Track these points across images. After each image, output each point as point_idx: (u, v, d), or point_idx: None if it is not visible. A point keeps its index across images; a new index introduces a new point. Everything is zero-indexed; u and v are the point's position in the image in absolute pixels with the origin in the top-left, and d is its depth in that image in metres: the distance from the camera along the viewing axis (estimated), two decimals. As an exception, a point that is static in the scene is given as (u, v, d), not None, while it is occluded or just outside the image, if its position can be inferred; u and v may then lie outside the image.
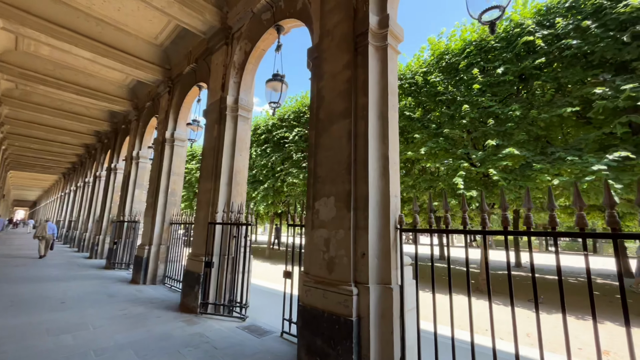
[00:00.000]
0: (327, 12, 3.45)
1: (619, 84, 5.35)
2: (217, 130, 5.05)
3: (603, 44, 5.61)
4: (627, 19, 5.42)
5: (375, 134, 2.87)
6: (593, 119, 6.28)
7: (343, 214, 2.80)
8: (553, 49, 6.21)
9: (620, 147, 5.39)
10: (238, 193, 4.88)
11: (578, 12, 6.07)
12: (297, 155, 11.09)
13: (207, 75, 5.93)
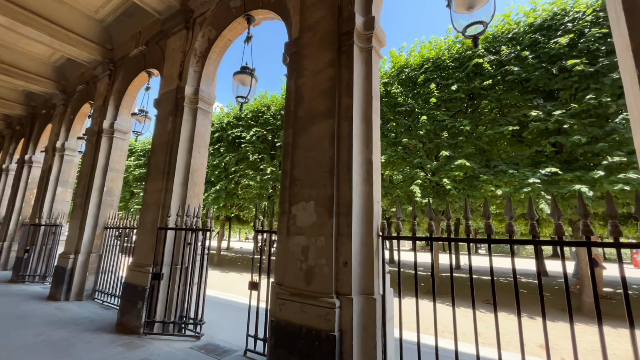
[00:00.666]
0: (309, 6, 3.28)
1: (549, 109, 6.17)
2: (172, 123, 4.47)
3: (537, 73, 6.43)
4: (556, 54, 6.30)
5: (359, 137, 2.76)
6: (525, 138, 7.16)
7: (324, 220, 2.62)
8: (497, 73, 6.94)
9: (549, 164, 6.20)
10: (194, 194, 4.36)
11: (518, 43, 6.89)
12: (254, 156, 10.58)
13: (161, 61, 5.27)
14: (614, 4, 2.07)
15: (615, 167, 5.48)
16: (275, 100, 11.05)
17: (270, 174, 10.01)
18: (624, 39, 1.97)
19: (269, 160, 10.79)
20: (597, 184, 5.54)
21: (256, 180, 10.24)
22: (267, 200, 10.47)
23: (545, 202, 5.82)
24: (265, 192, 10.34)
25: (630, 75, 1.92)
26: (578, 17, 6.26)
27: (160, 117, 4.72)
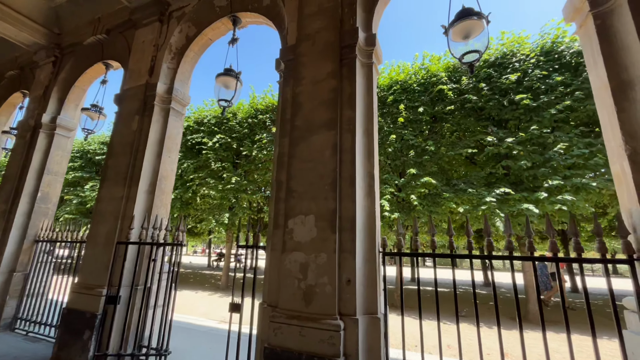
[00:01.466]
0: (307, 15, 3.22)
1: (501, 135, 6.92)
2: (139, 123, 3.97)
3: (491, 103, 7.21)
4: (507, 88, 7.16)
5: (362, 150, 2.72)
6: (477, 161, 7.91)
7: (326, 236, 2.48)
8: (458, 100, 7.63)
9: (500, 184, 6.89)
10: (162, 204, 3.87)
11: (475, 75, 7.69)
12: (217, 164, 9.96)
13: (125, 52, 4.71)
14: (591, 50, 2.38)
15: (554, 189, 6.30)
16: (242, 107, 10.65)
17: (235, 183, 9.48)
18: (602, 80, 2.25)
19: (232, 169, 10.25)
20: (540, 203, 6.28)
21: (217, 189, 9.60)
22: (229, 212, 9.84)
23: (499, 219, 6.40)
24: (227, 202, 9.72)
25: (609, 111, 2.19)
26: (523, 59, 7.25)
27: (123, 114, 4.16)
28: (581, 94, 6.44)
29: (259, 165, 9.69)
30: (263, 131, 9.73)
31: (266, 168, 9.64)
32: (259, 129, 9.98)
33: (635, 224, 1.99)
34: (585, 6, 2.37)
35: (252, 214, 10.29)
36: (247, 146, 9.77)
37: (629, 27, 2.11)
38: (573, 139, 6.37)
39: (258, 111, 10.16)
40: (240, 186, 9.70)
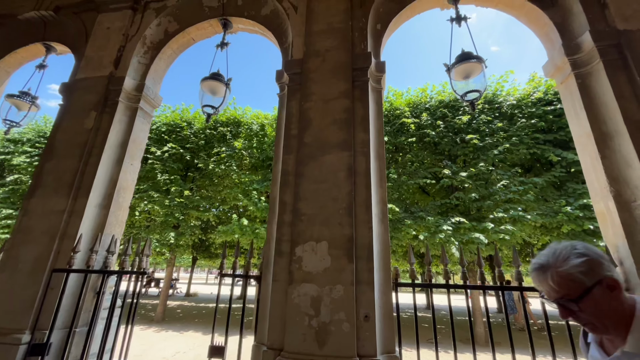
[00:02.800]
0: (316, 32, 3.14)
1: (455, 170, 7.63)
2: (96, 121, 3.26)
3: (446, 139, 7.98)
4: (459, 128, 8.03)
5: (375, 174, 2.63)
6: (429, 191, 8.57)
7: (342, 265, 2.25)
8: (418, 134, 8.27)
9: (453, 213, 7.51)
10: (118, 221, 3.16)
11: (432, 113, 8.49)
12: (163, 176, 8.85)
13: (80, 37, 3.95)
14: (572, 103, 2.75)
15: (497, 220, 7.08)
16: (199, 117, 9.84)
17: (185, 199, 8.47)
18: (584, 129, 2.59)
19: (181, 182, 9.21)
20: (487, 232, 6.97)
21: (163, 205, 8.46)
22: (174, 230, 8.67)
23: (454, 247, 6.88)
24: (172, 220, 8.59)
25: (592, 157, 2.50)
26: (472, 104, 8.30)
27: (72, 108, 3.39)
28: (516, 140, 7.55)
29: (214, 180, 8.91)
30: (222, 144, 9.08)
31: (223, 184, 8.91)
32: (218, 141, 9.28)
33: (622, 257, 2.23)
34: (567, 67, 2.76)
35: (201, 233, 9.27)
36: (202, 159, 8.94)
37: (606, 89, 2.50)
38: (511, 177, 7.33)
39: (218, 123, 9.50)
40: (190, 202, 8.72)
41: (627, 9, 2.63)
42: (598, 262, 0.93)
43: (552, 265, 0.95)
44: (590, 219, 6.60)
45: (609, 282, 0.91)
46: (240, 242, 8.98)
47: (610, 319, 0.92)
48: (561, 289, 0.93)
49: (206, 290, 27.28)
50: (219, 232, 8.02)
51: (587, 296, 0.90)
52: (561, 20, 2.93)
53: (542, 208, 7.16)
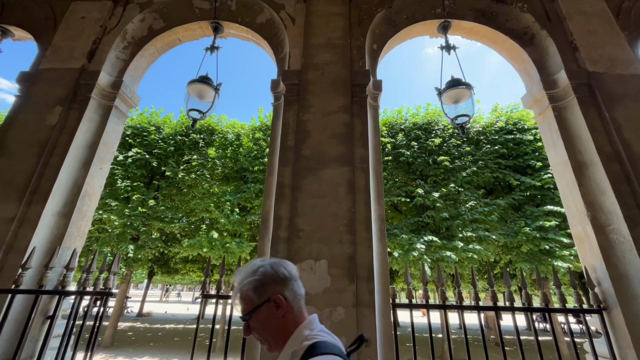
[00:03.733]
0: (315, 45, 3.12)
1: (427, 189, 7.95)
2: (62, 117, 2.87)
3: (419, 160, 8.33)
4: (432, 150, 8.45)
5: (374, 191, 2.59)
6: (401, 209, 8.81)
7: (343, 286, 2.13)
8: (393, 153, 8.54)
9: (425, 232, 7.75)
10: (79, 233, 2.75)
11: (407, 134, 8.86)
12: (124, 183, 8.09)
13: (48, 23, 3.54)
14: (550, 133, 2.98)
15: (466, 239, 7.43)
16: (169, 122, 9.26)
17: (149, 209, 7.77)
18: (561, 158, 2.81)
19: (144, 190, 8.48)
20: (456, 251, 7.26)
21: (121, 214, 7.68)
22: (132, 242, 7.85)
23: (427, 264, 7.06)
24: (132, 231, 7.80)
25: (569, 183, 2.70)
26: (443, 128, 8.82)
27: (32, 101, 2.97)
28: (482, 164, 8.10)
29: (182, 190, 8.33)
30: (194, 152, 8.59)
31: (191, 194, 8.37)
32: (189, 149, 8.78)
33: (599, 278, 2.39)
34: (545, 100, 3.01)
35: (163, 247, 8.52)
36: (170, 166, 8.36)
37: (580, 122, 2.75)
38: (477, 199, 7.80)
39: (190, 129, 9.02)
40: (153, 212, 8.02)
41: (594, 53, 2.97)
42: (271, 280, 0.95)
43: (238, 283, 0.98)
44: (545, 239, 7.18)
45: (277, 300, 0.93)
46: (206, 257, 8.40)
47: (273, 336, 0.94)
48: (241, 306, 0.96)
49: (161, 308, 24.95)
50: (186, 246, 7.43)
51: (255, 313, 0.93)
52: (539, 58, 3.22)
53: (504, 228, 7.66)
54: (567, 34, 3.13)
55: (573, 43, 3.06)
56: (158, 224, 8.06)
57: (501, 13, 3.44)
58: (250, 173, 8.50)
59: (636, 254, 2.22)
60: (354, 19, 3.33)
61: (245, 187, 8.15)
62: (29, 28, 3.65)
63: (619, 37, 3.05)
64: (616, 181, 2.46)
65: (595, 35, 3.06)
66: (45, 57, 3.22)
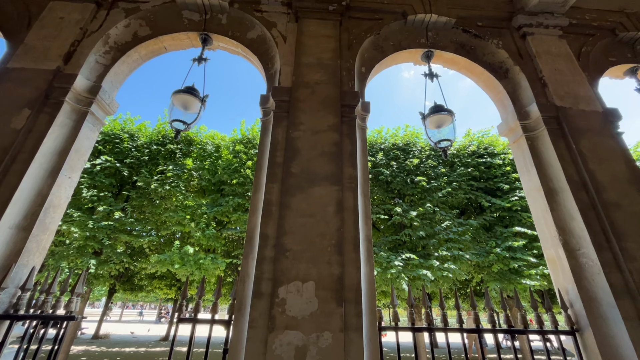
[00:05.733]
0: (306, 64, 3.16)
1: (405, 208, 8.13)
2: (29, 120, 2.64)
3: (398, 179, 8.56)
4: (410, 170, 8.72)
5: (362, 211, 2.59)
6: (379, 226, 8.93)
7: (330, 309, 2.07)
8: (373, 172, 8.71)
9: (402, 250, 7.86)
10: (39, 248, 2.49)
11: (386, 153, 9.11)
12: (90, 192, 7.53)
13: (21, 20, 3.32)
14: (523, 160, 3.18)
15: (441, 258, 7.61)
16: (145, 130, 8.86)
17: (116, 222, 7.24)
18: (534, 184, 2.99)
19: (111, 201, 7.94)
20: (432, 269, 7.40)
21: (84, 226, 7.10)
22: (94, 257, 7.22)
23: (404, 282, 7.11)
24: (95, 245, 7.20)
25: (542, 209, 2.87)
26: (421, 149, 9.18)
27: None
28: (456, 185, 8.46)
29: (154, 201, 7.90)
30: (170, 162, 8.24)
31: (164, 206, 7.95)
32: (164, 159, 8.41)
33: (572, 300, 2.51)
34: (519, 129, 3.23)
35: (129, 262, 7.92)
36: (143, 176, 7.93)
37: (551, 152, 2.96)
38: (452, 219, 8.08)
39: (167, 139, 8.69)
40: (120, 224, 7.49)
41: (561, 90, 3.26)
42: None
43: None
44: (514, 258, 7.52)
45: None
46: (177, 274, 7.93)
47: None
48: None
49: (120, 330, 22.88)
50: (154, 262, 6.97)
51: None
52: (512, 90, 3.48)
53: (476, 248, 7.95)
54: (537, 71, 3.42)
55: (542, 79, 3.34)
56: (125, 237, 7.52)
57: (479, 47, 3.71)
58: (228, 186, 8.26)
59: (604, 277, 2.37)
60: (344, 42, 3.43)
61: (222, 201, 7.89)
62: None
63: (581, 76, 3.37)
64: (584, 208, 2.64)
65: (561, 73, 3.37)
66: (15, 56, 2.99)
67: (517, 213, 8.08)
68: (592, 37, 3.74)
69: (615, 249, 2.41)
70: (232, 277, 8.85)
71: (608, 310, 2.30)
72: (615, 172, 2.78)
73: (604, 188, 2.68)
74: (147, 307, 55.15)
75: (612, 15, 3.87)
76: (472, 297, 2.34)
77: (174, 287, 10.71)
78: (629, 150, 2.96)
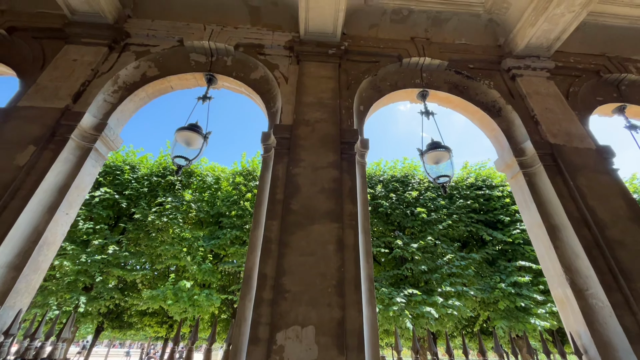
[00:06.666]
0: (306, 103, 3.28)
1: (406, 241, 8.00)
2: (32, 157, 2.68)
3: (398, 211, 8.51)
4: (409, 202, 8.71)
5: (362, 249, 2.54)
6: (380, 259, 8.72)
7: (332, 357, 1.95)
8: (373, 204, 8.69)
9: (405, 285, 7.59)
10: (29, 288, 2.40)
11: (385, 185, 9.15)
12: (86, 225, 7.42)
13: (36, 62, 3.49)
14: (522, 195, 3.19)
15: (445, 294, 7.34)
16: (146, 162, 8.97)
17: (110, 255, 7.05)
18: (535, 220, 2.97)
19: (107, 233, 7.80)
20: (436, 307, 7.10)
21: (77, 260, 6.90)
22: (84, 294, 6.92)
23: (408, 320, 6.78)
24: (86, 280, 6.94)
25: (545, 245, 2.83)
26: (419, 181, 9.25)
27: (2, 138, 2.77)
28: (456, 217, 8.41)
29: (151, 234, 7.76)
30: (169, 194, 8.23)
31: (160, 238, 7.80)
32: (164, 190, 8.41)
33: (585, 345, 2.38)
34: (516, 166, 3.28)
35: (120, 297, 7.59)
36: (141, 208, 7.87)
37: (549, 188, 2.98)
38: (454, 252, 7.92)
39: (168, 170, 8.76)
40: (114, 258, 7.29)
41: (553, 128, 3.36)
42: None
43: None
44: (520, 295, 7.26)
45: None
46: (169, 311, 7.56)
47: None
48: None
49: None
50: (146, 298, 6.68)
51: None
52: (507, 128, 3.59)
53: (480, 283, 7.70)
54: (529, 110, 3.55)
55: (534, 117, 3.46)
56: (118, 271, 7.28)
57: (471, 87, 3.89)
58: (226, 218, 8.18)
59: (616, 320, 2.27)
60: (343, 82, 3.60)
61: (220, 233, 7.77)
62: (14, 65, 3.58)
63: (571, 115, 3.50)
64: (588, 246, 2.60)
65: (552, 112, 3.49)
66: (26, 95, 3.10)
67: (520, 246, 7.94)
68: (579, 78, 3.94)
69: (624, 290, 2.34)
70: (226, 314, 8.45)
71: (625, 357, 2.18)
72: (615, 208, 2.78)
73: (606, 225, 2.67)
74: (135, 346, 51.86)
75: (595, 59, 4.10)
76: (480, 343, 2.22)
77: (165, 324, 10.16)
78: (626, 186, 2.98)
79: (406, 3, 4.01)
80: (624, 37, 4.21)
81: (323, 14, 3.53)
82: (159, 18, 3.95)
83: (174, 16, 3.98)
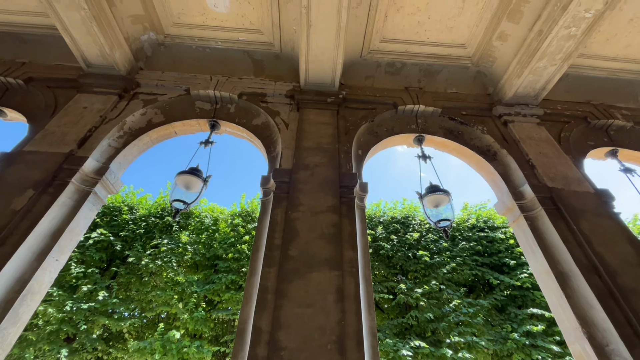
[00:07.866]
0: (306, 148, 3.36)
1: (410, 286, 7.65)
2: (29, 201, 2.66)
3: (400, 253, 8.27)
4: (411, 244, 8.50)
5: (364, 298, 2.41)
6: (383, 306, 8.25)
7: None
8: (373, 246, 8.47)
9: (410, 335, 7.08)
10: (2, 344, 2.22)
11: (386, 227, 9.02)
12: (77, 269, 7.15)
13: (47, 109, 3.65)
14: (526, 240, 3.11)
15: (454, 345, 6.81)
16: (145, 203, 8.94)
17: (98, 302, 6.67)
18: (542, 267, 2.87)
19: (97, 278, 7.47)
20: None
21: (63, 308, 6.51)
22: (66, 345, 6.40)
23: (415, 378, 6.20)
24: (69, 329, 6.47)
25: (557, 295, 2.69)
26: (420, 222, 9.13)
27: (3, 182, 2.78)
28: (460, 260, 8.14)
29: (143, 278, 7.43)
30: (165, 236, 8.06)
31: (152, 283, 7.45)
32: (160, 232, 8.26)
33: (614, 411, 2.14)
34: (516, 209, 3.25)
35: (104, 349, 7.01)
36: (135, 250, 7.65)
37: (552, 232, 2.92)
38: (461, 297, 7.53)
39: (166, 211, 8.69)
40: (102, 305, 6.89)
41: (550, 172, 3.40)
42: None
43: None
44: (535, 347, 6.74)
45: None
46: (156, 364, 6.94)
47: None
48: None
49: None
50: (132, 350, 6.17)
51: None
52: (504, 172, 3.63)
53: (491, 333, 7.20)
54: (524, 154, 3.63)
55: (530, 162, 3.52)
56: (104, 320, 6.83)
57: (466, 132, 4.02)
58: (223, 261, 7.91)
59: (645, 381, 2.07)
60: (342, 128, 3.73)
61: (215, 277, 7.45)
62: (25, 111, 3.73)
63: (565, 159, 3.57)
64: (601, 294, 2.47)
65: (546, 156, 3.57)
66: (33, 140, 3.19)
67: (529, 292, 7.57)
68: (568, 124, 4.09)
69: (648, 346, 2.16)
70: (218, 369, 7.75)
71: None
72: (623, 254, 2.69)
73: (616, 272, 2.56)
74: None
75: (581, 106, 4.30)
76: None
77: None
78: (632, 231, 2.93)
79: (399, 57, 4.32)
80: (606, 87, 4.47)
81: (322, 67, 3.78)
82: (170, 70, 4.22)
83: (184, 68, 4.26)
